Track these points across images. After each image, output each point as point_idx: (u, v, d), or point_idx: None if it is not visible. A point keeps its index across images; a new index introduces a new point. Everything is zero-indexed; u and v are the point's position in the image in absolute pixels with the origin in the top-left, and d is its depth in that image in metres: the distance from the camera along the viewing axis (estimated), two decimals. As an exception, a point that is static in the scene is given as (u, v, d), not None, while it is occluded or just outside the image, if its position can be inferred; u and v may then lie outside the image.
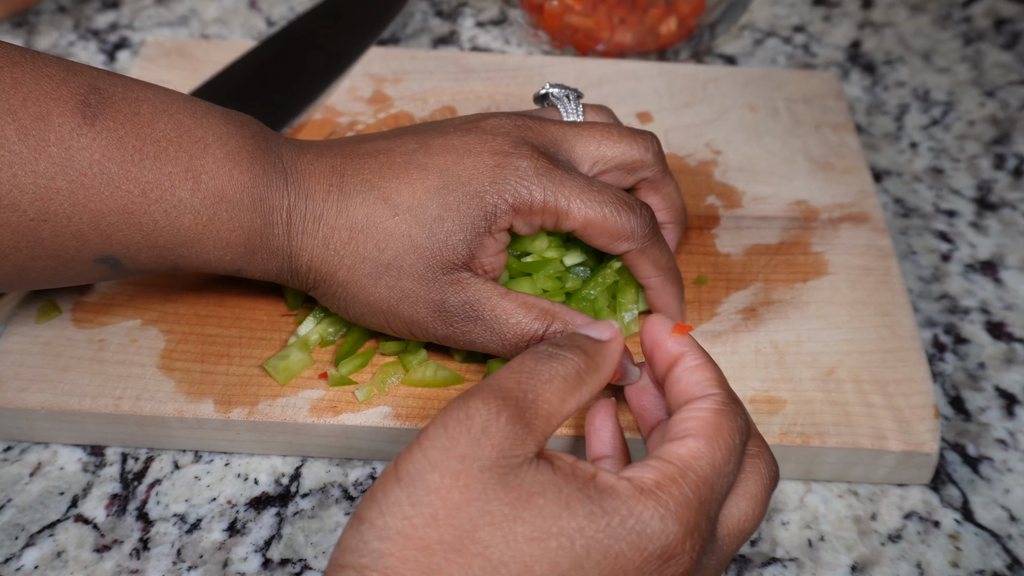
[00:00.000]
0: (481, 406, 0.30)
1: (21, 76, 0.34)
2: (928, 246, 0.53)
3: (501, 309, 0.38)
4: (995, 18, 0.68)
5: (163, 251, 0.37)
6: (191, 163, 0.36)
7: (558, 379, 0.32)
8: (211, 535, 0.40)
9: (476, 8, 0.67)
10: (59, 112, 0.34)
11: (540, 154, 0.39)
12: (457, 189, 0.38)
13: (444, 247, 0.38)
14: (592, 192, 0.39)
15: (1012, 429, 0.45)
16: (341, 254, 0.38)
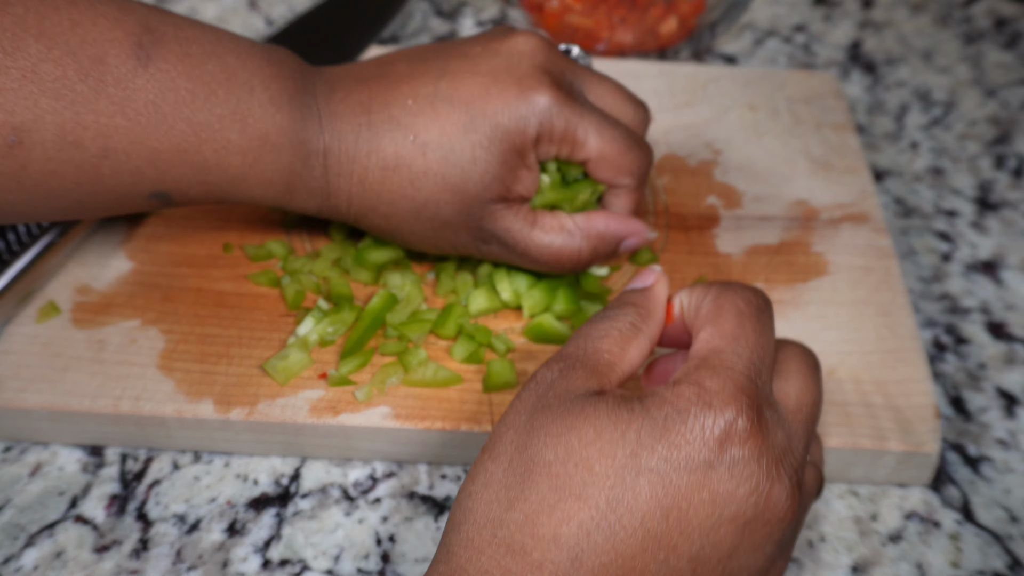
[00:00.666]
0: (545, 371, 0.33)
1: (78, 18, 0.35)
2: (928, 246, 0.53)
3: (531, 240, 0.41)
4: (995, 18, 0.68)
5: (211, 187, 0.39)
6: (238, 106, 0.38)
7: (614, 332, 0.34)
8: (211, 535, 0.39)
9: (476, 8, 0.67)
10: (115, 54, 0.36)
11: (560, 85, 0.40)
12: (485, 124, 0.39)
13: (478, 185, 0.39)
14: (608, 126, 0.41)
15: (1012, 429, 0.45)
16: (378, 191, 0.40)
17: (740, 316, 0.32)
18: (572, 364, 0.32)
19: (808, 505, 0.34)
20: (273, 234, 0.47)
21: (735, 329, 0.32)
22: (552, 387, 0.32)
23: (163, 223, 0.48)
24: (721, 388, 0.30)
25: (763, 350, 0.32)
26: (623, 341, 0.33)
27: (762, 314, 0.33)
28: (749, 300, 0.33)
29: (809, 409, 0.33)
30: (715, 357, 0.31)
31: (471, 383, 0.42)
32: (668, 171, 0.52)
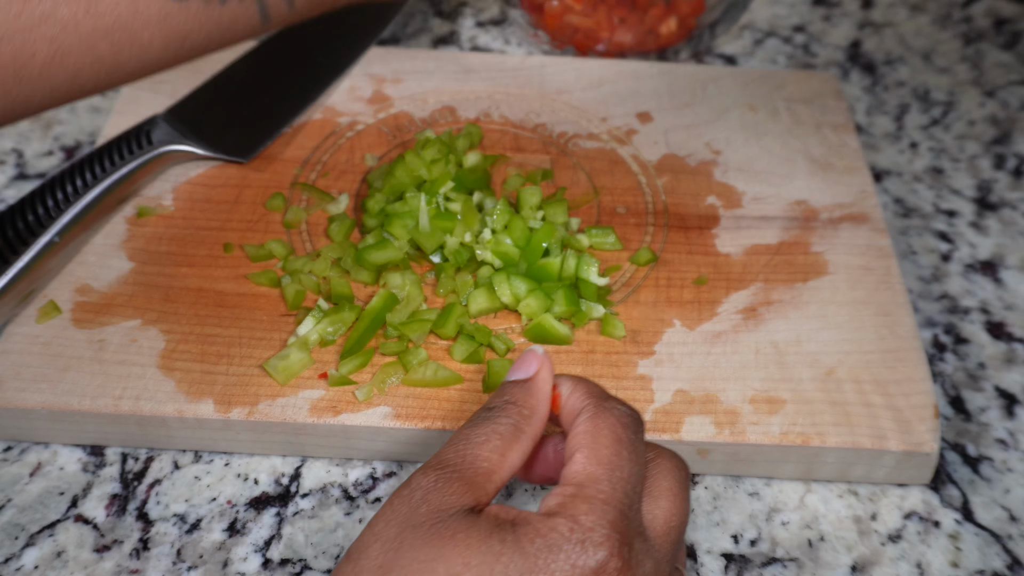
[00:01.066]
0: (421, 478, 0.32)
1: None
2: (928, 246, 0.53)
3: None
4: (995, 18, 0.68)
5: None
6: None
7: (494, 436, 0.33)
8: (211, 535, 0.40)
9: (476, 8, 0.67)
10: None
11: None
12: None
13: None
14: None
15: (1012, 429, 0.45)
16: None
17: (617, 443, 0.32)
18: (448, 474, 0.32)
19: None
20: (273, 234, 0.47)
21: (612, 457, 0.32)
22: (425, 499, 0.31)
23: (163, 223, 0.48)
24: (596, 524, 0.30)
25: (636, 477, 0.32)
26: (503, 446, 0.33)
27: (636, 437, 0.33)
28: (626, 424, 0.33)
29: (677, 530, 0.33)
30: (591, 487, 0.31)
31: (471, 383, 0.42)
32: (668, 171, 0.52)
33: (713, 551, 0.40)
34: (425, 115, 0.54)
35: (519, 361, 0.36)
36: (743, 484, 0.42)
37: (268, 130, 0.52)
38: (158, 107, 0.53)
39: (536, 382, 0.35)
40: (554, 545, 0.29)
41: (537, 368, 0.35)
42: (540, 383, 0.35)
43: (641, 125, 0.54)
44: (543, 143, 0.53)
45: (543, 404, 0.34)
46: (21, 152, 0.55)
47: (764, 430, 0.41)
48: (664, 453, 0.34)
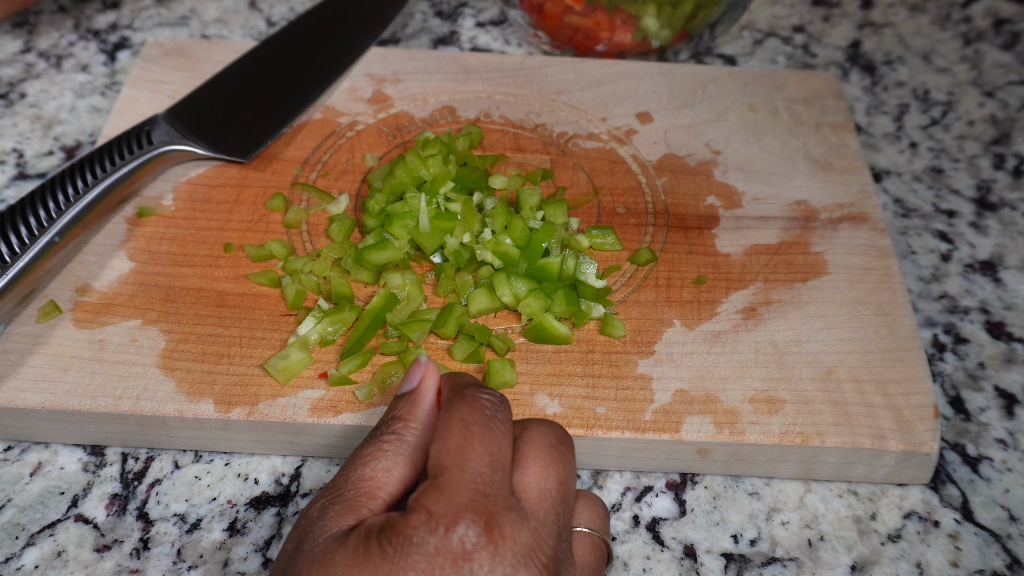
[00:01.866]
0: (309, 507, 0.33)
1: None
2: (928, 246, 0.53)
3: None
4: (995, 18, 0.68)
5: None
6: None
7: (378, 454, 0.34)
8: (211, 535, 0.40)
9: (476, 8, 0.67)
10: None
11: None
12: None
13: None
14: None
15: (1012, 429, 0.45)
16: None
17: (465, 428, 0.32)
18: (332, 499, 0.33)
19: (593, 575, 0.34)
20: (273, 234, 0.47)
21: (460, 443, 0.32)
22: (311, 527, 0.32)
23: (163, 223, 0.48)
24: (447, 509, 0.30)
25: (492, 456, 0.32)
26: (388, 464, 0.33)
27: (492, 419, 0.33)
28: (477, 407, 0.33)
29: (555, 492, 0.33)
30: (441, 476, 0.31)
31: (471, 383, 0.42)
32: (668, 171, 0.52)
33: (713, 551, 0.40)
34: (425, 115, 0.54)
35: (407, 373, 0.36)
36: (743, 484, 0.42)
37: (268, 130, 0.52)
38: (158, 107, 0.53)
39: (420, 392, 0.35)
40: (412, 539, 0.30)
41: (421, 377, 0.36)
42: (424, 392, 0.35)
43: (641, 125, 0.54)
44: (543, 143, 0.53)
45: (428, 413, 0.35)
46: (21, 152, 0.55)
47: (764, 430, 0.41)
48: (531, 424, 0.35)
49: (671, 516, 0.41)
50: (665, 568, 0.39)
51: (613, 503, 0.41)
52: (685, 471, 0.42)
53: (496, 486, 0.31)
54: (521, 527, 0.31)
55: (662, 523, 0.41)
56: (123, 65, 0.61)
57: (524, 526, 0.31)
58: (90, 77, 0.60)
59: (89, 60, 0.62)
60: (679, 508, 0.41)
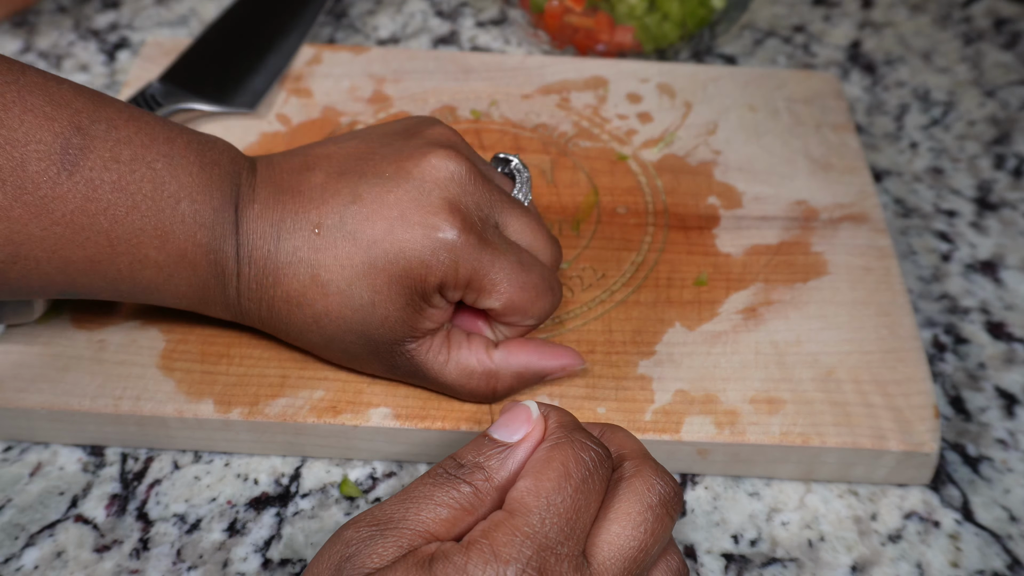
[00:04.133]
0: (351, 532, 0.30)
1: (2, 115, 0.33)
2: (928, 246, 0.53)
3: (445, 376, 0.39)
4: (995, 18, 0.68)
5: (122, 294, 0.38)
6: (160, 222, 0.36)
7: (450, 506, 0.30)
8: (211, 535, 0.40)
9: (476, 8, 0.67)
10: (39, 159, 0.33)
11: (471, 225, 0.37)
12: (385, 269, 0.37)
13: (381, 328, 0.38)
14: (522, 271, 0.39)
15: (1012, 429, 0.45)
16: (286, 322, 0.39)
17: (564, 477, 0.30)
18: (383, 531, 0.30)
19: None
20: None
21: (551, 492, 0.30)
22: (355, 555, 0.29)
23: (163, 223, 0.48)
24: (515, 557, 0.28)
25: (578, 515, 0.30)
26: (456, 517, 0.30)
27: (592, 476, 0.31)
28: (581, 461, 0.31)
29: (631, 558, 0.30)
30: (520, 518, 0.29)
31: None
32: (668, 171, 0.52)
33: (713, 551, 0.40)
34: (425, 115, 0.54)
35: (509, 414, 0.33)
36: (743, 484, 0.42)
37: (267, 77, 0.54)
38: (158, 107, 0.53)
39: (517, 452, 0.32)
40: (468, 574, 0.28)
41: (525, 435, 0.32)
42: (522, 454, 0.32)
43: (641, 125, 0.54)
44: (543, 143, 0.53)
45: (514, 470, 0.32)
46: (21, 152, 0.55)
47: (764, 430, 0.41)
48: (644, 474, 0.32)
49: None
50: (665, 568, 0.39)
51: (613, 503, 0.41)
52: (685, 471, 0.42)
53: (570, 546, 0.30)
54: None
55: (662, 523, 0.41)
56: (123, 65, 0.61)
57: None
58: (90, 77, 0.60)
59: (89, 60, 0.62)
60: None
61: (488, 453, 0.32)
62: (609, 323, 0.44)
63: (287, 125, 0.53)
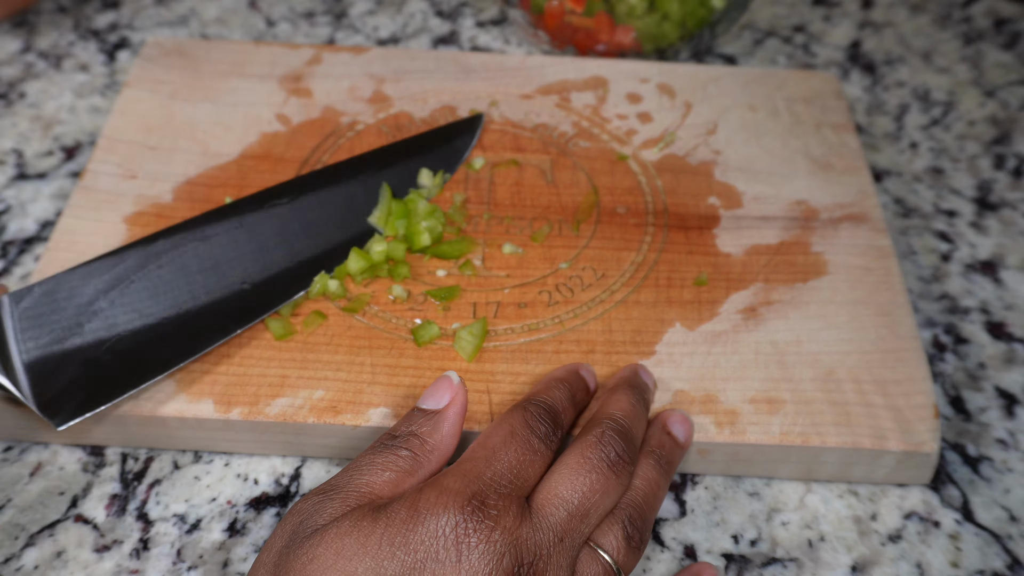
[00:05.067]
0: (303, 502, 0.33)
1: None
2: (928, 246, 0.53)
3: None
4: (995, 18, 0.68)
5: None
6: None
7: (391, 468, 0.33)
8: (211, 535, 0.40)
9: (476, 8, 0.67)
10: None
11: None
12: None
13: None
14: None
15: (1012, 429, 0.45)
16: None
17: (510, 436, 0.34)
18: (330, 496, 0.32)
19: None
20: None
21: (498, 445, 0.34)
22: (306, 520, 0.32)
23: (163, 223, 0.48)
24: (460, 490, 0.31)
25: (519, 469, 0.33)
26: (398, 479, 0.33)
27: (537, 441, 0.34)
28: (526, 425, 0.35)
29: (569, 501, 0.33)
30: (468, 462, 0.33)
31: (471, 383, 0.42)
32: (668, 171, 0.52)
33: (713, 551, 0.40)
34: (425, 115, 0.54)
35: (433, 386, 0.36)
36: (743, 484, 0.42)
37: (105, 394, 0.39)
38: (157, 107, 0.53)
39: (445, 416, 0.35)
40: (419, 509, 0.31)
41: (449, 400, 0.35)
42: (450, 417, 0.35)
43: (641, 125, 0.54)
44: (543, 143, 0.53)
45: (448, 440, 0.35)
46: (21, 152, 0.55)
47: (764, 430, 0.41)
48: (590, 435, 0.36)
49: (671, 516, 0.41)
50: (665, 568, 0.39)
51: (613, 503, 0.41)
52: (685, 471, 0.42)
53: (512, 489, 0.33)
54: (527, 526, 0.32)
55: (662, 523, 0.41)
56: (123, 65, 0.61)
57: (530, 526, 0.32)
58: (90, 77, 0.60)
59: (89, 60, 0.62)
60: (679, 508, 0.41)
61: (420, 421, 0.35)
62: (609, 323, 0.44)
63: (287, 125, 0.53)
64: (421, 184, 0.49)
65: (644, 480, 0.37)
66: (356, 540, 0.30)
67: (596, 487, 0.34)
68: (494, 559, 0.30)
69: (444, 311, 0.44)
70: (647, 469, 0.37)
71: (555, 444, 0.36)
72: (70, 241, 0.46)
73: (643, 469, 0.37)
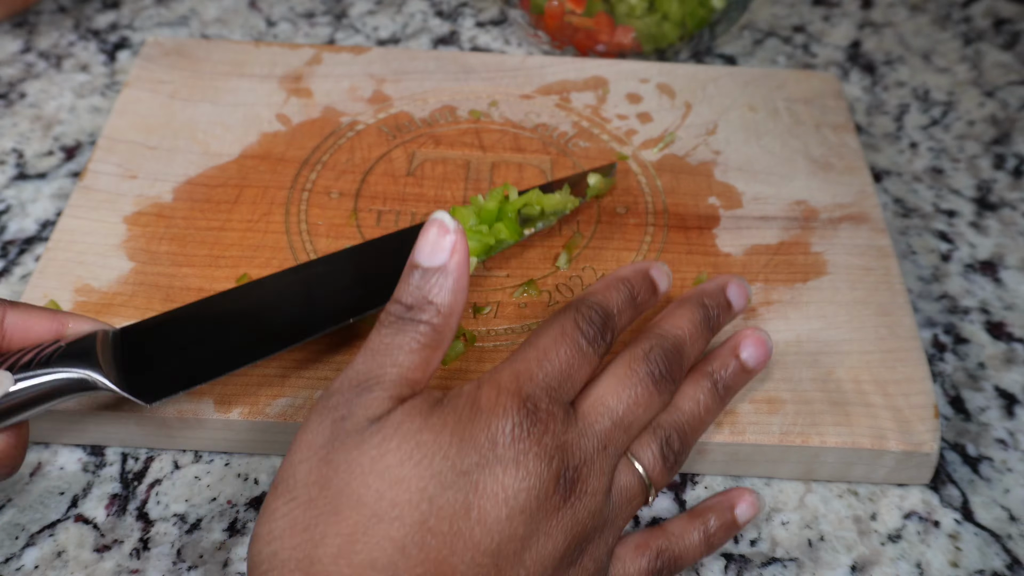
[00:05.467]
0: (337, 396, 0.32)
1: None
2: (928, 246, 0.53)
3: None
4: (995, 18, 0.68)
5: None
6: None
7: (413, 352, 0.32)
8: (211, 535, 0.40)
9: (476, 8, 0.67)
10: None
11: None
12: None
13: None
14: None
15: (1012, 429, 0.45)
16: None
17: (561, 335, 0.34)
18: (367, 387, 0.31)
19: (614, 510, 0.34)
20: (273, 234, 0.47)
21: (548, 345, 0.34)
22: (350, 415, 0.31)
23: (163, 223, 0.48)
24: (516, 389, 0.32)
25: (569, 371, 0.34)
26: (425, 356, 0.32)
27: (582, 342, 0.34)
28: (577, 327, 0.35)
29: (613, 410, 0.34)
30: (521, 363, 0.33)
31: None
32: (668, 171, 0.52)
33: (713, 551, 0.40)
34: (425, 115, 0.54)
35: (425, 236, 0.33)
36: (743, 484, 0.42)
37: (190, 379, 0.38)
38: (157, 107, 0.53)
39: (450, 271, 0.33)
40: (483, 409, 0.31)
41: (450, 251, 0.32)
42: (456, 272, 0.33)
43: (641, 125, 0.54)
44: (543, 143, 0.53)
45: (460, 296, 0.33)
46: (21, 152, 0.55)
47: (764, 430, 0.41)
48: (638, 347, 0.36)
49: (671, 515, 0.41)
50: (665, 568, 0.39)
51: (613, 503, 0.41)
52: (685, 471, 0.42)
53: (562, 392, 0.33)
54: (570, 428, 0.33)
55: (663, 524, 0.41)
56: (123, 65, 0.61)
57: (572, 429, 0.33)
58: (90, 77, 0.60)
59: (89, 60, 0.62)
60: (679, 508, 0.41)
61: (427, 284, 0.33)
62: (609, 323, 0.44)
63: (287, 125, 0.53)
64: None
65: (693, 402, 0.37)
66: (428, 436, 0.30)
67: (640, 400, 0.35)
68: (544, 461, 0.31)
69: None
70: (699, 391, 0.37)
71: (603, 348, 0.35)
72: (70, 241, 0.46)
73: (695, 390, 0.37)
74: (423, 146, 0.52)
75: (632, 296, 0.37)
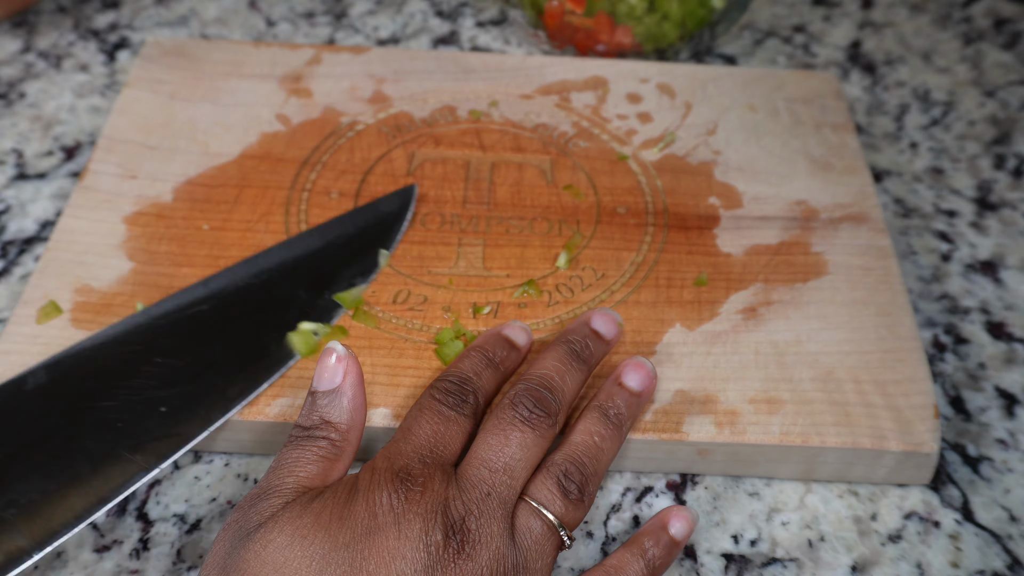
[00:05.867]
0: (239, 512, 0.34)
1: None
2: (928, 246, 0.53)
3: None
4: (995, 18, 0.68)
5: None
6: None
7: (312, 463, 0.35)
8: (211, 535, 0.39)
9: (476, 8, 0.67)
10: None
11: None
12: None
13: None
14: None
15: (1012, 429, 0.45)
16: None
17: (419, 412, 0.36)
18: (267, 495, 0.34)
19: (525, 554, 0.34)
20: (273, 235, 0.47)
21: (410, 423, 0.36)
22: (246, 522, 0.33)
23: (163, 223, 0.48)
24: (387, 466, 0.34)
25: (437, 437, 0.35)
26: (323, 468, 0.35)
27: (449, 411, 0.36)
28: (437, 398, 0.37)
29: (493, 461, 0.35)
30: (391, 444, 0.35)
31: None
32: (668, 171, 0.52)
33: (713, 551, 0.40)
34: (425, 115, 0.54)
35: (321, 365, 0.36)
36: (743, 484, 0.42)
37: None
38: (157, 107, 0.53)
39: (344, 392, 0.36)
40: (357, 491, 0.33)
41: (343, 374, 0.36)
42: (350, 391, 0.36)
43: (641, 125, 0.54)
44: (543, 143, 0.53)
45: (357, 413, 0.36)
46: (21, 152, 0.55)
47: (764, 430, 0.41)
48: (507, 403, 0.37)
49: (671, 516, 0.41)
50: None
51: (613, 503, 0.41)
52: (685, 471, 0.42)
53: (434, 457, 0.35)
54: (445, 488, 0.34)
55: (662, 523, 0.41)
56: (123, 65, 0.61)
57: (448, 488, 0.34)
58: (90, 77, 0.60)
59: (89, 60, 0.62)
60: (679, 508, 0.41)
61: (324, 406, 0.36)
62: (609, 323, 0.44)
63: (287, 125, 0.53)
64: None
65: (585, 434, 0.37)
66: (308, 520, 0.32)
67: (513, 442, 0.35)
68: (427, 521, 0.32)
69: (446, 312, 0.44)
70: (589, 423, 0.38)
71: (468, 409, 0.37)
72: (70, 241, 0.46)
73: (585, 423, 0.38)
74: (423, 146, 0.52)
75: (488, 359, 0.39)
